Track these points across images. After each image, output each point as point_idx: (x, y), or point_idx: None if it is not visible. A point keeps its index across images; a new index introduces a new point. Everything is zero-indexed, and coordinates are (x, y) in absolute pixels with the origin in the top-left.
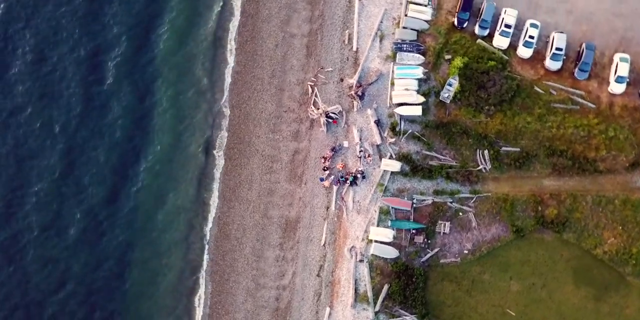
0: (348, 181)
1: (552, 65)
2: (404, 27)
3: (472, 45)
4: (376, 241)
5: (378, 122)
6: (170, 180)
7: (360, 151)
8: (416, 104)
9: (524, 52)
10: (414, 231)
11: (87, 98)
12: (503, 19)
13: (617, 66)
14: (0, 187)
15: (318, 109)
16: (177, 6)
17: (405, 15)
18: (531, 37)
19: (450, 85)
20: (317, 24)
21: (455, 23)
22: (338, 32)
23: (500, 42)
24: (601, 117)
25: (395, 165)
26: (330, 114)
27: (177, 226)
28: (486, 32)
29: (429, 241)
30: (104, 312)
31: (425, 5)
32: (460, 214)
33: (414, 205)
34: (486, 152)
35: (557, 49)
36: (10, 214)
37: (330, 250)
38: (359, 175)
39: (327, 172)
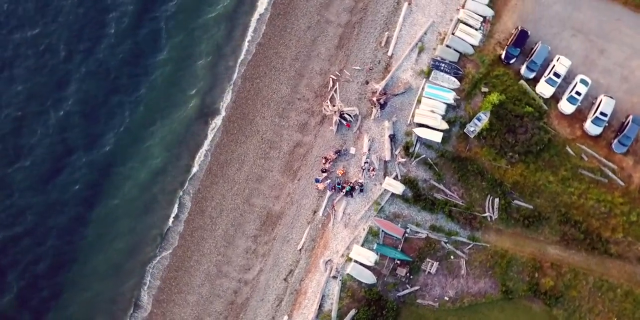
0: (344, 190)
1: (592, 129)
2: (447, 46)
3: (513, 84)
4: (356, 261)
5: (393, 137)
6: (163, 141)
7: (365, 162)
8: (438, 130)
9: (566, 107)
10: (398, 262)
11: (116, 43)
12: (554, 66)
13: None
14: None
15: (334, 106)
16: None
17: (452, 34)
18: (578, 93)
19: (479, 119)
20: (358, 17)
21: (503, 56)
22: (377, 31)
23: (544, 89)
24: (627, 198)
25: (398, 188)
26: (345, 115)
27: (155, 188)
28: (532, 75)
29: (411, 276)
30: (55, 258)
31: (476, 29)
32: (452, 257)
33: (406, 234)
34: (497, 200)
35: (601, 113)
36: None
37: (305, 257)
38: (357, 187)
39: (325, 174)
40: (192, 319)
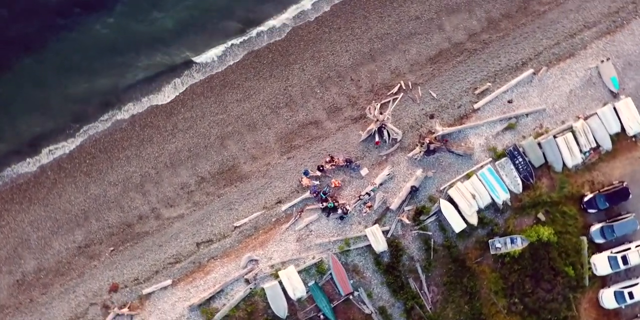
0: (325, 204)
1: None
2: (539, 144)
3: (574, 234)
4: (280, 283)
5: (414, 191)
6: (192, 17)
7: (367, 194)
8: (464, 219)
9: (608, 300)
10: (321, 317)
11: None
12: (628, 249)
13: None
14: None
15: (381, 113)
16: None
17: (554, 137)
18: (631, 295)
19: (512, 242)
20: (472, 46)
21: (585, 200)
22: (480, 75)
23: (601, 265)
24: None
25: (380, 245)
26: (384, 131)
27: (147, 55)
28: (600, 241)
29: None
30: None
31: (581, 151)
32: None
33: (351, 296)
34: None
35: None
36: None
37: (234, 238)
38: (339, 211)
39: (319, 173)
40: (78, 211)
